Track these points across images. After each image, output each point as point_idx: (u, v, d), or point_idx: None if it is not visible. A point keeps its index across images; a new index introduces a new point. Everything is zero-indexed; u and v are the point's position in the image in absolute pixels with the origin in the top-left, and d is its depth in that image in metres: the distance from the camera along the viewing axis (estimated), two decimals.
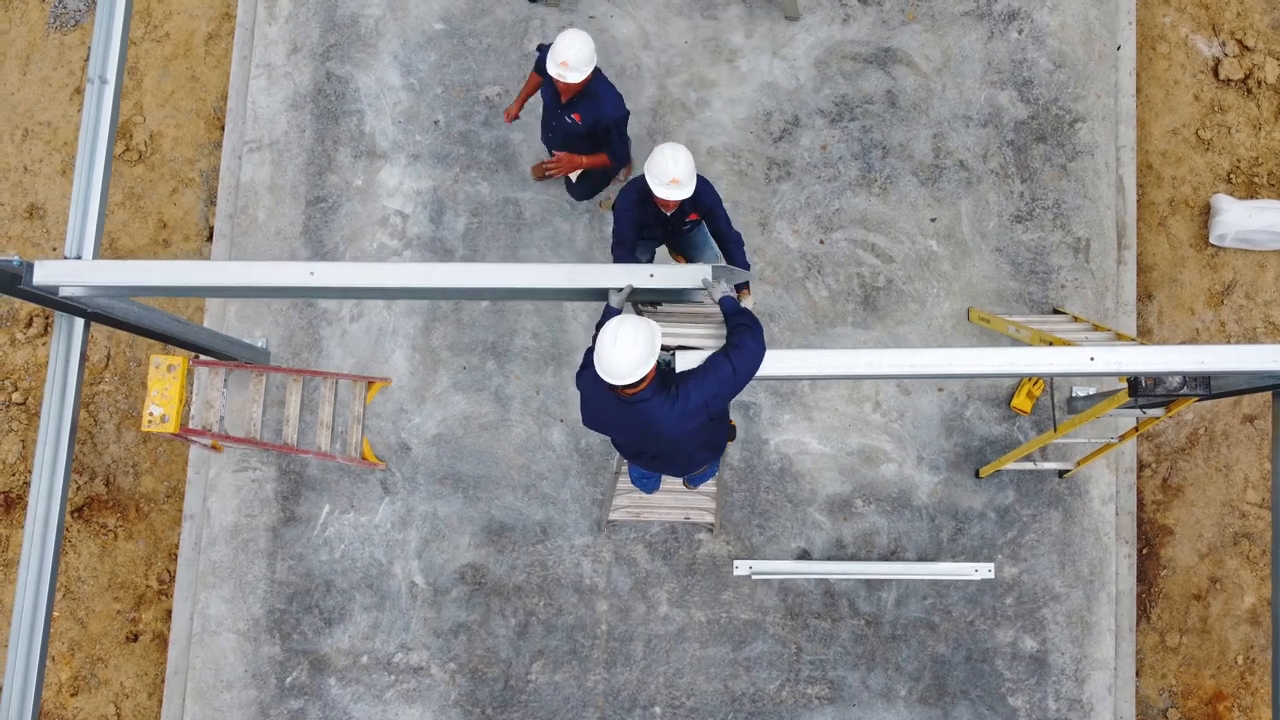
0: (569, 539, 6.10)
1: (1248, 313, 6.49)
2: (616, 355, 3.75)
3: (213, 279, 3.78)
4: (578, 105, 5.44)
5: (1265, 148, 6.64)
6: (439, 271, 3.83)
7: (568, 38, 5.18)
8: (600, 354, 3.80)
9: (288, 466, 6.18)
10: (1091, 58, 6.52)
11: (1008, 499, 6.11)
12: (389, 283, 3.74)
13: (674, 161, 4.77)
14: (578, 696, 5.99)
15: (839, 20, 6.55)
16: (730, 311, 4.03)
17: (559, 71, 5.20)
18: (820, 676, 6.00)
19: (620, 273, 4.04)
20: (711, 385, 3.92)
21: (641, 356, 3.77)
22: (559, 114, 5.54)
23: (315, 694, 6.03)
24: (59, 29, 6.99)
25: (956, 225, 6.35)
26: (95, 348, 6.58)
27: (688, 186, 4.83)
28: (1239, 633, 6.23)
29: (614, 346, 3.76)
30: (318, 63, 6.57)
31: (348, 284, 3.79)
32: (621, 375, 3.78)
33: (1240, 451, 6.36)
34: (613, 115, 5.46)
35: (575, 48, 5.17)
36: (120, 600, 6.40)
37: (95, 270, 3.90)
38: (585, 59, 5.20)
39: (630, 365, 3.76)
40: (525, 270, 3.80)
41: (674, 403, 3.93)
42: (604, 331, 3.81)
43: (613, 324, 3.81)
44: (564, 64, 5.17)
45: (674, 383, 3.94)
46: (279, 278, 3.76)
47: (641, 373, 3.78)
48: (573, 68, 5.19)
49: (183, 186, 6.74)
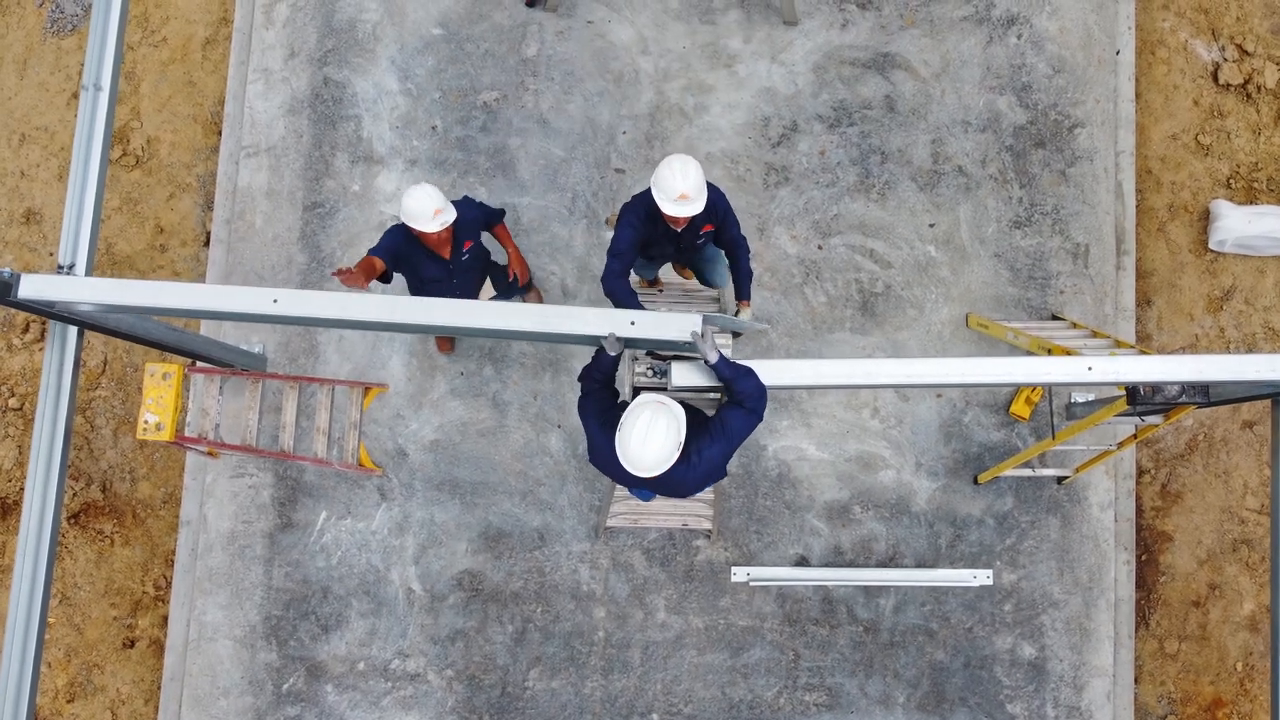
0: (566, 545, 6.08)
1: (1247, 318, 6.47)
2: (647, 453, 3.69)
3: (181, 302, 3.75)
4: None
5: (1265, 153, 6.63)
6: (403, 306, 3.74)
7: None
8: (628, 448, 3.71)
9: (285, 473, 6.17)
10: (1091, 63, 6.51)
11: (1006, 505, 6.09)
12: (352, 315, 3.67)
13: (682, 175, 4.40)
14: (575, 703, 5.98)
15: (837, 25, 6.53)
16: (730, 379, 3.87)
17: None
18: (818, 683, 5.98)
19: (597, 319, 3.76)
20: (721, 445, 3.91)
21: (672, 450, 3.71)
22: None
23: (312, 701, 6.01)
24: (56, 34, 6.97)
25: (955, 231, 6.33)
26: (92, 353, 6.57)
27: (698, 201, 4.46)
28: (1238, 639, 6.21)
29: (644, 445, 3.68)
30: (315, 68, 6.56)
31: (310, 314, 3.72)
32: (649, 470, 3.74)
33: (1240, 458, 6.34)
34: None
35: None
36: (117, 606, 6.39)
37: (73, 287, 3.88)
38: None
39: (659, 460, 3.72)
40: (493, 310, 3.69)
41: (690, 468, 3.91)
42: (633, 426, 3.70)
43: (644, 417, 3.70)
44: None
45: (689, 450, 3.88)
46: (243, 304, 3.74)
47: (669, 466, 3.74)
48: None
49: (180, 192, 6.73)
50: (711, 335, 3.79)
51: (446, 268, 5.14)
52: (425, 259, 5.07)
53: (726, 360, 3.84)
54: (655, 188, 4.47)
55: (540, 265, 6.32)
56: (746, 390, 3.86)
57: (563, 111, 6.46)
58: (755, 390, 3.86)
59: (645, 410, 3.71)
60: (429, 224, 4.77)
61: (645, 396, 3.79)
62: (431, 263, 5.09)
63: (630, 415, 3.72)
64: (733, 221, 4.84)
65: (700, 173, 4.47)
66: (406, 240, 4.96)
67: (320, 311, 3.71)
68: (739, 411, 3.90)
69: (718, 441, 3.90)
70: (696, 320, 3.76)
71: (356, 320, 3.70)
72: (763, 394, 3.88)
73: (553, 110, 6.46)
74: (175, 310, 3.80)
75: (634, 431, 3.69)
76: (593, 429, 4.02)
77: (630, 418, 3.72)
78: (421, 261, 5.07)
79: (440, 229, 4.81)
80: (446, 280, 5.21)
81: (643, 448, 3.68)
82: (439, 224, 4.79)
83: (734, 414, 3.90)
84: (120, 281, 3.80)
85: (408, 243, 4.97)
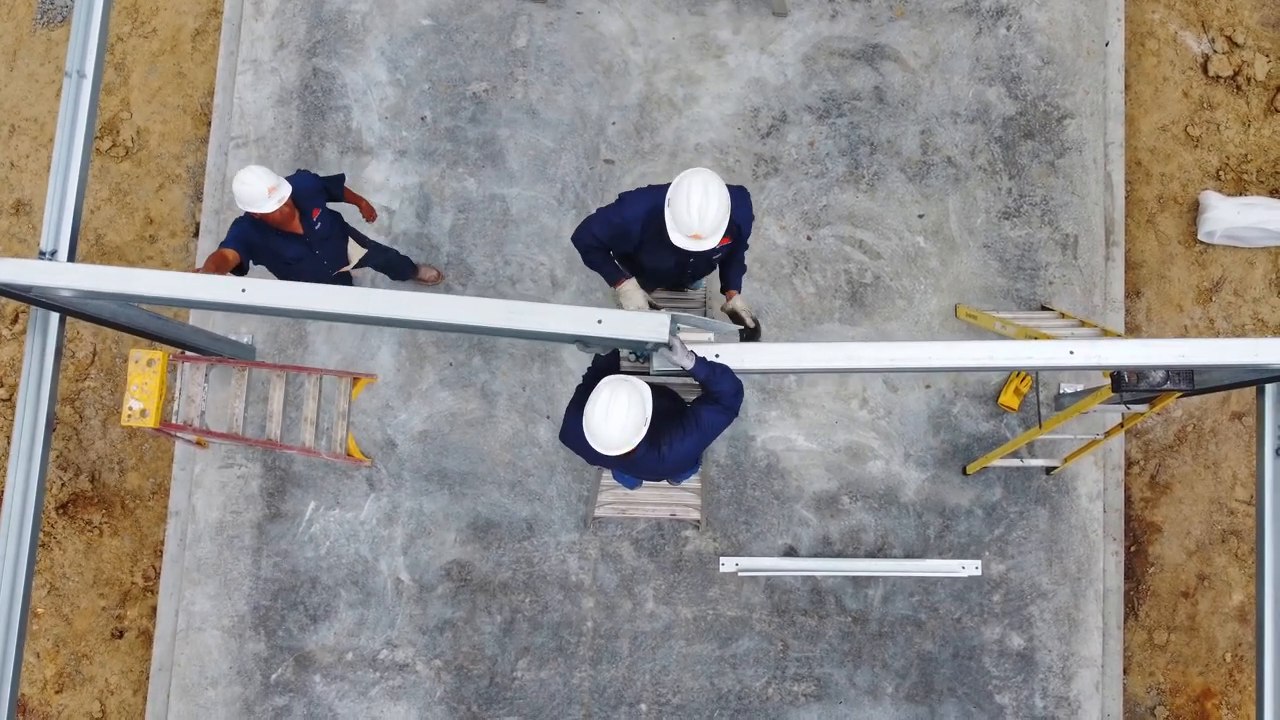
0: (555, 535, 6.08)
1: (1236, 310, 6.47)
2: (610, 428, 3.69)
3: (151, 289, 3.73)
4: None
5: (1254, 144, 6.62)
6: (374, 299, 3.69)
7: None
8: (591, 423, 3.72)
9: (273, 463, 6.17)
10: (1080, 54, 6.51)
11: (995, 496, 6.09)
12: (321, 307, 3.66)
13: (700, 213, 3.82)
14: (563, 693, 5.97)
15: (827, 16, 6.53)
16: (705, 379, 3.79)
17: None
18: (807, 674, 5.98)
19: (566, 316, 3.62)
20: (694, 440, 3.91)
21: (635, 427, 3.71)
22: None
23: (300, 691, 6.01)
24: (46, 24, 6.97)
25: (944, 222, 6.33)
26: (81, 344, 6.56)
27: (712, 239, 3.95)
28: (1227, 630, 6.21)
29: (606, 420, 3.68)
30: (304, 58, 6.56)
31: (278, 304, 3.68)
32: (615, 447, 3.74)
33: (1229, 448, 6.34)
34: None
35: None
36: (105, 597, 6.39)
37: (45, 271, 3.87)
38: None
39: (624, 436, 3.72)
40: (463, 304, 3.64)
41: (661, 460, 3.92)
42: (596, 400, 3.71)
43: (605, 393, 3.70)
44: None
45: (660, 440, 3.90)
46: (212, 292, 3.73)
47: (634, 443, 3.75)
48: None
49: (169, 182, 6.73)
50: (680, 344, 3.69)
51: (304, 242, 5.00)
52: (281, 241, 4.92)
53: (703, 361, 3.79)
54: (669, 209, 3.93)
55: (529, 256, 6.32)
56: (724, 390, 3.84)
57: (552, 102, 6.46)
58: (732, 389, 3.85)
59: (606, 387, 3.73)
60: (267, 204, 4.64)
61: (611, 376, 3.81)
62: (288, 243, 4.95)
63: (595, 393, 3.74)
64: (747, 231, 4.35)
65: (723, 207, 3.90)
66: (255, 228, 4.81)
67: (288, 302, 3.70)
68: (714, 409, 3.90)
69: (690, 435, 3.92)
70: (664, 320, 3.56)
71: (325, 312, 3.69)
72: (739, 393, 3.86)
73: (542, 101, 6.46)
74: (145, 297, 3.79)
75: (595, 407, 3.70)
76: (569, 408, 4.04)
77: (594, 395, 3.74)
78: (278, 244, 4.92)
79: (280, 205, 4.67)
80: (310, 254, 5.09)
81: (605, 423, 3.68)
82: (276, 201, 4.65)
83: (708, 411, 3.90)
84: (91, 267, 3.80)
85: (257, 230, 4.82)
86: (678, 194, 3.90)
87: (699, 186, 3.85)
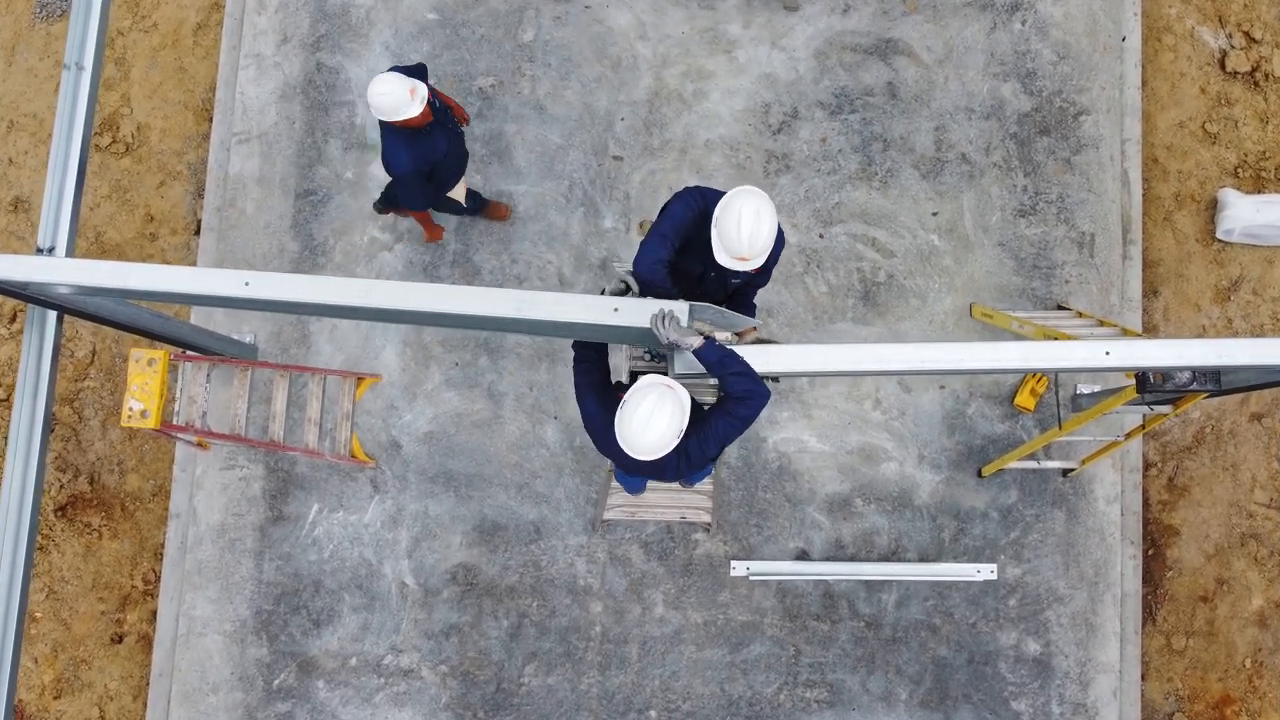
0: (563, 539, 5.98)
1: (1255, 309, 6.37)
2: (647, 437, 3.56)
3: (151, 283, 3.62)
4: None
5: (1273, 141, 6.52)
6: (379, 290, 3.57)
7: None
8: (628, 428, 3.57)
9: (276, 465, 6.06)
10: (1096, 49, 6.40)
11: (1010, 498, 5.99)
12: (327, 299, 3.54)
13: (750, 238, 3.70)
14: (571, 700, 5.87)
15: (839, 10, 6.43)
16: (714, 361, 3.62)
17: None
18: (819, 679, 5.87)
19: (579, 306, 3.54)
20: (713, 446, 3.79)
21: (671, 437, 3.59)
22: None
23: (303, 697, 5.90)
24: (45, 19, 6.86)
25: (958, 219, 6.23)
26: (80, 343, 6.45)
27: (757, 261, 3.84)
28: (1246, 635, 6.10)
29: (645, 428, 3.54)
30: (308, 53, 6.45)
31: (283, 297, 3.56)
32: (649, 453, 3.61)
33: (1248, 450, 6.23)
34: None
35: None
36: (104, 601, 6.28)
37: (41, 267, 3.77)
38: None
39: (658, 445, 3.59)
40: (469, 294, 3.48)
41: (685, 460, 3.80)
42: (635, 403, 3.55)
43: (650, 399, 3.55)
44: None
45: (686, 443, 3.75)
46: (215, 286, 3.60)
47: (669, 449, 3.62)
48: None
49: (170, 179, 6.62)
50: (674, 323, 3.52)
51: (444, 129, 4.56)
52: (437, 141, 4.43)
53: (712, 343, 3.61)
54: (716, 228, 3.81)
55: (537, 254, 6.21)
56: (739, 392, 3.66)
57: (560, 98, 6.35)
58: (746, 393, 3.67)
59: (652, 393, 3.58)
60: (412, 106, 4.26)
61: (654, 378, 3.65)
62: (433, 140, 4.50)
63: (635, 395, 3.59)
64: (775, 260, 4.15)
65: (772, 231, 3.79)
66: (405, 140, 4.32)
67: (293, 295, 3.58)
68: (731, 420, 3.74)
69: (708, 442, 3.79)
70: (683, 308, 3.47)
71: (332, 305, 3.57)
72: (751, 397, 3.65)
73: (550, 96, 6.35)
74: (145, 292, 3.68)
75: (637, 413, 3.56)
76: (589, 403, 3.90)
77: (635, 397, 3.58)
78: (437, 145, 4.45)
79: (424, 104, 4.29)
80: (453, 136, 4.64)
81: (644, 431, 3.55)
82: (420, 101, 4.26)
83: (725, 422, 3.74)
84: (87, 262, 3.69)
85: (407, 141, 4.32)
86: (726, 215, 3.77)
87: (750, 212, 3.74)
